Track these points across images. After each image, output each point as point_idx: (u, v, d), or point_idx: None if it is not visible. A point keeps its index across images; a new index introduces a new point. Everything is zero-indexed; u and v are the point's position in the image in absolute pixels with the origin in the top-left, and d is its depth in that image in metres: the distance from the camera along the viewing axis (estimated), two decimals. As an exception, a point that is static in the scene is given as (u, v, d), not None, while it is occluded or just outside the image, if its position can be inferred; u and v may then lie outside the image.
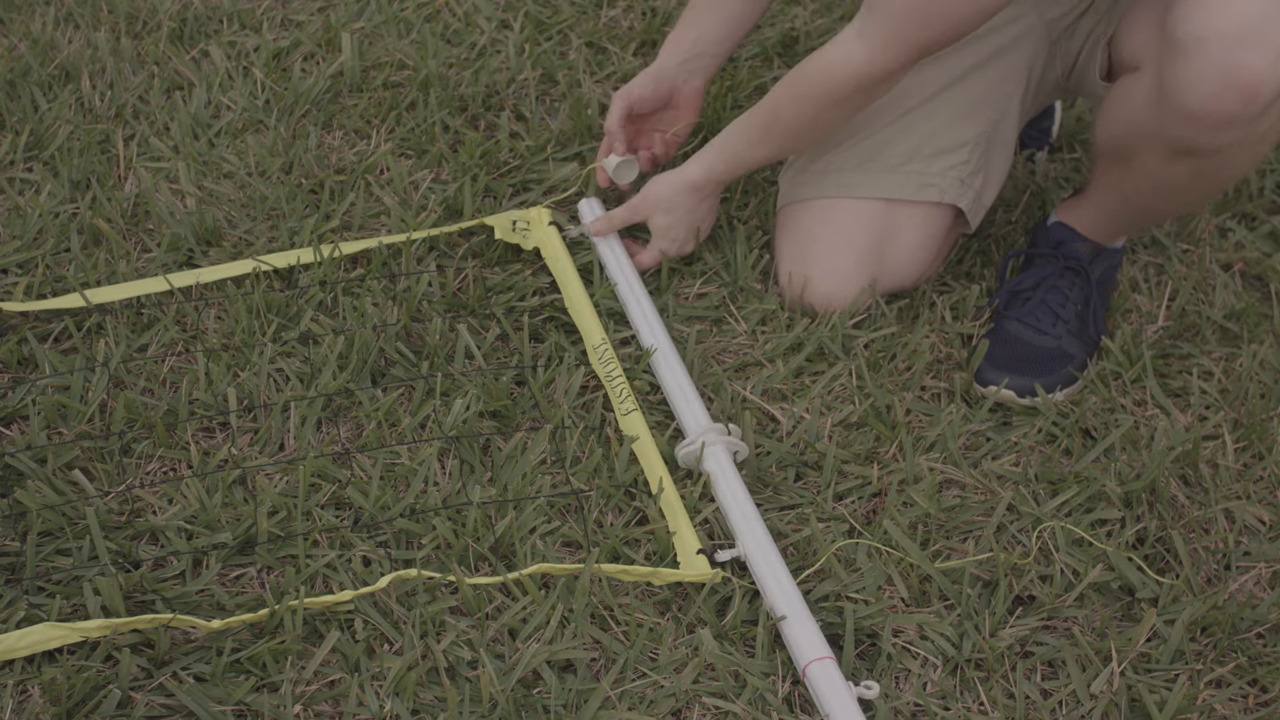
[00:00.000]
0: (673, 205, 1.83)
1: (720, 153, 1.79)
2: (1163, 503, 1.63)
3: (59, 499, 1.53)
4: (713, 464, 1.59)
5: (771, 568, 1.48)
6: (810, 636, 1.42)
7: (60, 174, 1.98)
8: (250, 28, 2.29)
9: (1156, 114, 1.57)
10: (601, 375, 1.71)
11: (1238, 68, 1.46)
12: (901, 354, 1.79)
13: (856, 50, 1.61)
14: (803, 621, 1.43)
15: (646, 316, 1.78)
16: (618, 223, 1.87)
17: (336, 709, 1.38)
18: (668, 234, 1.85)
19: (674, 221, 1.84)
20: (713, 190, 1.83)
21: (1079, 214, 1.85)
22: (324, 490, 1.57)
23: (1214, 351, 1.85)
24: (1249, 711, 1.44)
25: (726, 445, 1.61)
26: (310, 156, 2.03)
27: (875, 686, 1.39)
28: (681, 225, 1.85)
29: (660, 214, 1.84)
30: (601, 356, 1.72)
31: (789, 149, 1.78)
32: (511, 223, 1.90)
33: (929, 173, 1.80)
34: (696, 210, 1.84)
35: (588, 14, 2.38)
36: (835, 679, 1.38)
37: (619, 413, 1.66)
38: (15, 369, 1.70)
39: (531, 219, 1.91)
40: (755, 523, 1.53)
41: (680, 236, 1.86)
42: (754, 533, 1.52)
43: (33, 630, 1.37)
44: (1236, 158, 1.61)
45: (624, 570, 1.49)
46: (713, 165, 1.80)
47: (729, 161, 1.79)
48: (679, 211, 1.84)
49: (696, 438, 1.61)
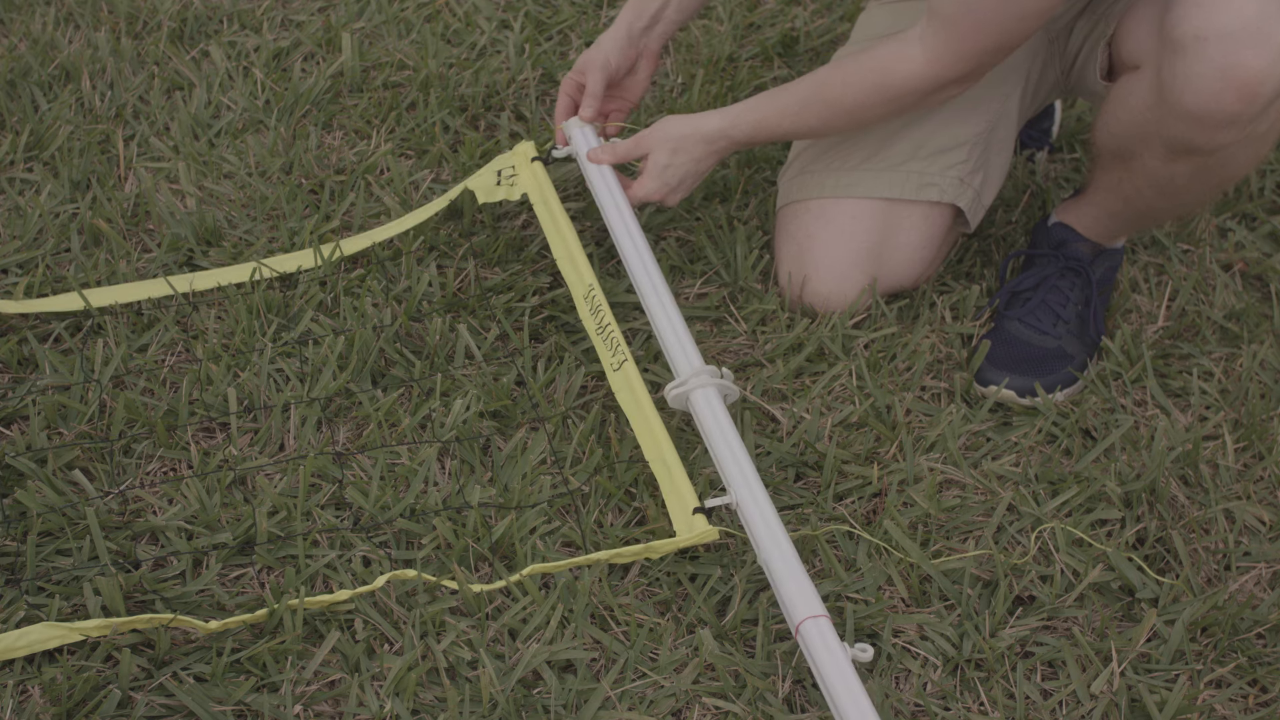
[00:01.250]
0: (679, 147, 1.78)
1: (747, 113, 1.75)
2: (1163, 503, 1.63)
3: (59, 499, 1.53)
4: (703, 406, 1.56)
5: (763, 515, 1.44)
6: (804, 593, 1.36)
7: (60, 174, 1.98)
8: (250, 28, 2.30)
9: (1157, 113, 1.57)
10: (591, 328, 1.68)
11: (1238, 67, 1.46)
12: (901, 354, 1.79)
13: (915, 54, 1.62)
14: (796, 576, 1.38)
15: (637, 248, 1.74)
16: (620, 154, 1.82)
17: (336, 709, 1.38)
18: (663, 174, 1.79)
19: (675, 164, 1.79)
20: (724, 147, 1.79)
21: (1079, 214, 1.85)
22: (324, 490, 1.57)
23: (1214, 351, 1.84)
24: (1249, 711, 1.44)
25: (718, 388, 1.59)
26: (310, 156, 2.03)
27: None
28: (680, 170, 1.79)
29: (664, 152, 1.78)
30: (593, 304, 1.69)
31: (821, 129, 1.75)
32: (496, 175, 1.88)
33: (929, 172, 1.80)
34: (701, 161, 1.79)
35: (588, 14, 2.38)
36: (830, 638, 1.33)
37: (609, 367, 1.64)
38: (15, 369, 1.70)
39: (517, 158, 1.90)
40: (748, 468, 1.49)
41: (673, 181, 1.80)
42: (746, 479, 1.48)
43: (31, 630, 1.37)
44: (1236, 157, 1.61)
45: (618, 553, 1.48)
46: (735, 123, 1.76)
47: (754, 124, 1.75)
48: (683, 155, 1.78)
49: (687, 379, 1.60)
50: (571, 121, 1.90)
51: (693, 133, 1.77)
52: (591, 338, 1.69)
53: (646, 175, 1.80)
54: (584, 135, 1.89)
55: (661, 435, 1.56)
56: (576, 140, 1.89)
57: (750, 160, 2.08)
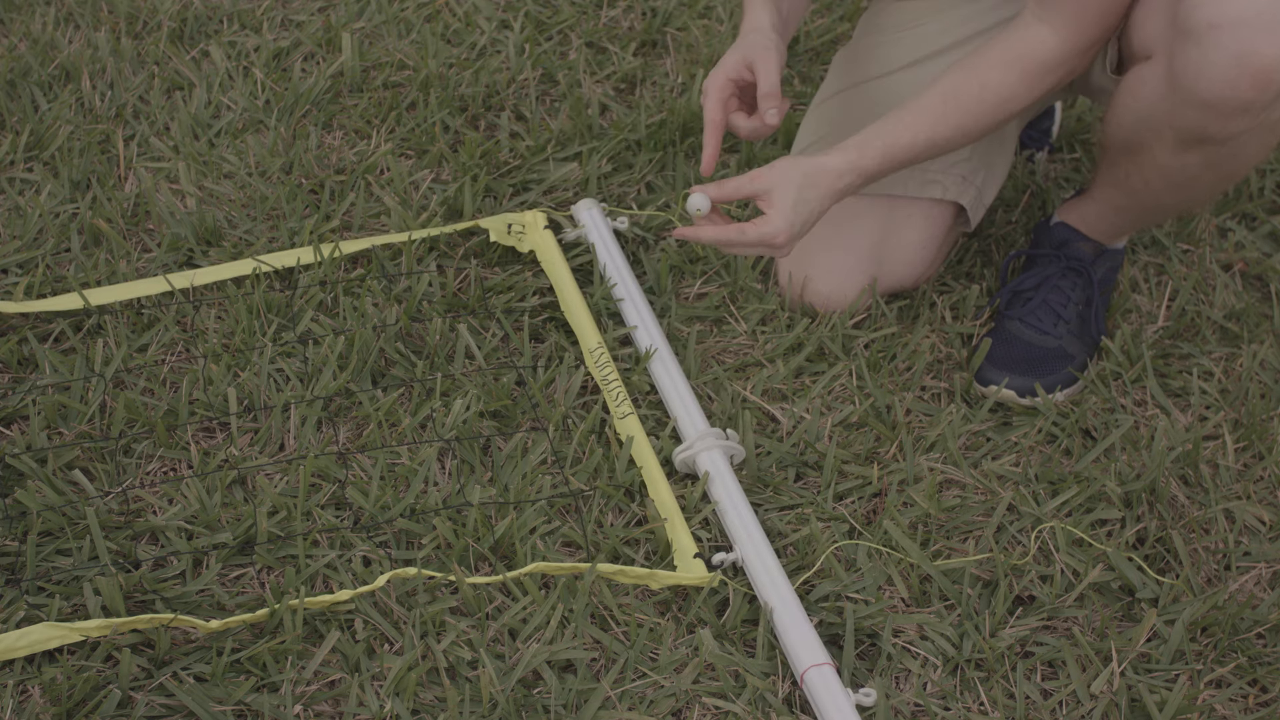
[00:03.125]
0: (808, 182, 1.62)
1: (872, 140, 1.64)
2: (1163, 503, 1.63)
3: (59, 499, 1.53)
4: (710, 468, 1.59)
5: (769, 573, 1.48)
6: (808, 642, 1.41)
7: (60, 174, 1.98)
8: (250, 28, 2.30)
9: (1169, 103, 1.57)
10: (598, 378, 1.71)
11: (1251, 54, 1.46)
12: (902, 354, 1.79)
13: (1045, 35, 1.61)
14: (800, 627, 1.43)
15: (643, 319, 1.77)
16: (729, 191, 1.63)
17: (336, 709, 1.38)
18: (794, 211, 1.60)
19: (805, 199, 1.61)
20: (852, 182, 1.64)
21: (1082, 213, 1.85)
22: (324, 490, 1.57)
23: (1214, 351, 1.84)
24: (1249, 711, 1.44)
25: (724, 450, 1.61)
26: (310, 156, 2.03)
27: (874, 694, 1.38)
28: (809, 206, 1.62)
29: (792, 188, 1.61)
30: (598, 360, 1.72)
31: (959, 136, 1.66)
32: (507, 226, 1.89)
33: (931, 169, 1.80)
34: (825, 200, 1.63)
35: (588, 14, 2.38)
36: (834, 685, 1.37)
37: (615, 416, 1.66)
38: (15, 369, 1.70)
39: (527, 222, 1.90)
40: (753, 527, 1.52)
41: (799, 220, 1.61)
42: (752, 538, 1.51)
43: (32, 630, 1.37)
44: (1247, 147, 1.61)
45: (621, 571, 1.49)
46: (862, 153, 1.63)
47: (883, 151, 1.63)
48: (812, 191, 1.62)
49: (693, 442, 1.61)
50: (581, 204, 1.92)
51: (818, 169, 1.62)
52: (599, 384, 1.71)
53: (775, 212, 1.60)
54: (589, 212, 1.91)
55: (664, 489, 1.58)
56: (581, 217, 1.91)
57: (751, 160, 2.08)
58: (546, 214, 1.92)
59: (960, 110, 1.65)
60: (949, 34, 1.83)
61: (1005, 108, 1.66)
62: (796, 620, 1.43)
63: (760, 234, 1.60)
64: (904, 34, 1.86)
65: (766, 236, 1.60)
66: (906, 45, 1.85)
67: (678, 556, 1.51)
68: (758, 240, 1.61)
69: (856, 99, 1.86)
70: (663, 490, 1.57)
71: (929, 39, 1.84)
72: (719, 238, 1.62)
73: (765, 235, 1.60)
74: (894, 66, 1.85)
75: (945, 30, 1.83)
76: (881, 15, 1.90)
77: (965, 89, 1.64)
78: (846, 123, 1.84)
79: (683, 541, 1.52)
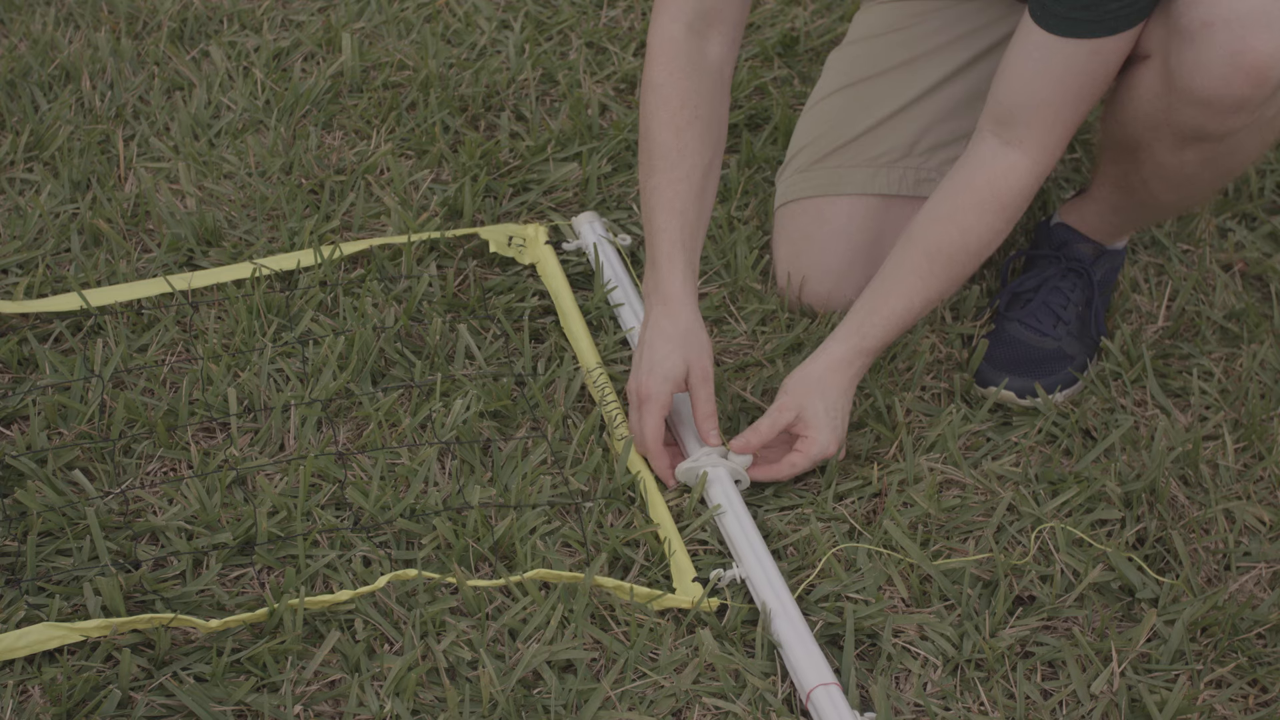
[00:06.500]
0: (824, 387, 1.61)
1: (868, 318, 1.63)
2: (1163, 503, 1.63)
3: (59, 499, 1.53)
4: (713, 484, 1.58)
5: (774, 588, 1.47)
6: (814, 662, 1.40)
7: (60, 174, 1.98)
8: (250, 28, 2.29)
9: (1166, 101, 1.57)
10: (597, 399, 1.69)
11: (1246, 51, 1.46)
12: (901, 354, 1.79)
13: (1016, 160, 1.59)
14: (807, 646, 1.42)
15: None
16: (764, 432, 1.60)
17: (336, 709, 1.38)
18: (831, 420, 1.60)
19: (832, 402, 1.61)
20: (863, 365, 1.64)
21: (1082, 214, 1.85)
22: (324, 490, 1.57)
23: (1214, 352, 1.84)
24: (1249, 712, 1.44)
25: (729, 469, 1.60)
26: (310, 157, 2.03)
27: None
28: (838, 407, 1.61)
29: (817, 400, 1.60)
30: (596, 381, 1.70)
31: (953, 283, 1.65)
32: (508, 238, 1.88)
33: (926, 167, 1.80)
34: (848, 391, 1.63)
35: (588, 14, 2.38)
36: (840, 704, 1.37)
37: (614, 436, 1.65)
38: (15, 369, 1.70)
39: (528, 236, 1.89)
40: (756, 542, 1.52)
41: (838, 422, 1.61)
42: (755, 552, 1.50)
43: (31, 630, 1.37)
44: (1245, 144, 1.61)
45: (619, 586, 1.48)
46: (862, 335, 1.62)
47: (882, 325, 1.62)
48: (833, 391, 1.61)
49: (699, 456, 1.60)
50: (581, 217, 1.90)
51: (827, 370, 1.62)
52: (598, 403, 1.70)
53: (815, 430, 1.60)
54: (590, 224, 1.89)
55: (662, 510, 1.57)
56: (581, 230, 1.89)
57: (750, 160, 2.08)
58: (546, 229, 1.90)
59: (946, 261, 1.63)
60: (941, 34, 1.83)
61: (991, 246, 1.64)
62: (803, 639, 1.42)
63: (811, 457, 1.61)
64: (897, 34, 1.86)
65: (819, 456, 1.61)
66: (900, 45, 1.85)
67: (677, 578, 1.50)
68: (815, 461, 1.61)
69: (852, 99, 1.86)
70: (661, 510, 1.57)
71: (922, 39, 1.84)
72: (776, 477, 1.62)
73: (816, 456, 1.61)
74: (888, 66, 1.85)
75: (938, 30, 1.83)
76: (875, 15, 1.91)
77: (947, 240, 1.62)
78: (842, 122, 1.84)
79: (682, 564, 1.51)
